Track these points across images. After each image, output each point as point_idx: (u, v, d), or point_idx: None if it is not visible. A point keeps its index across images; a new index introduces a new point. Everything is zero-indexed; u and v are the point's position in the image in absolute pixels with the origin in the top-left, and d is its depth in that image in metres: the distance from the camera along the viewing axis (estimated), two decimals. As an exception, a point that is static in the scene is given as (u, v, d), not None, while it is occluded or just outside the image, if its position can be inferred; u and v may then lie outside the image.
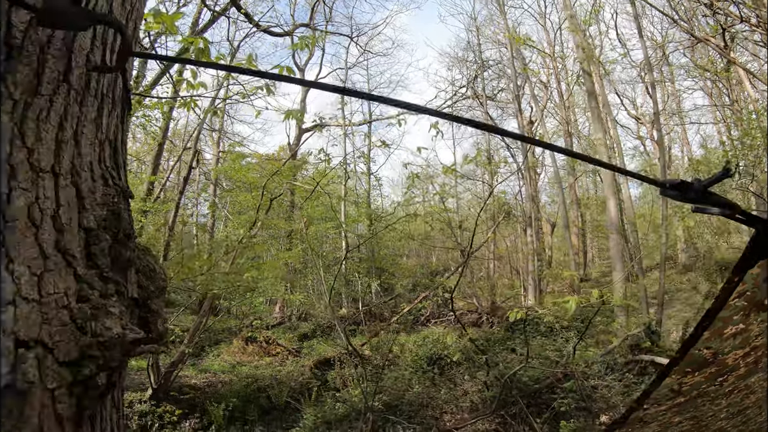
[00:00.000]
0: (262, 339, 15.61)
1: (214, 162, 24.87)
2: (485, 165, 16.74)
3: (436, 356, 13.29)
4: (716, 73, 20.46)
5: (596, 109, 17.45)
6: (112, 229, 1.22)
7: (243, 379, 12.24)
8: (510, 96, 26.57)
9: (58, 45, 1.14)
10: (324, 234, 20.23)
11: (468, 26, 29.97)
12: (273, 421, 11.36)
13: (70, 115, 1.17)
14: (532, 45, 23.47)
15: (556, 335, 14.28)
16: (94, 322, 1.07)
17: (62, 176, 1.12)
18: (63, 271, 1.07)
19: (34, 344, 0.98)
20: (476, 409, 11.17)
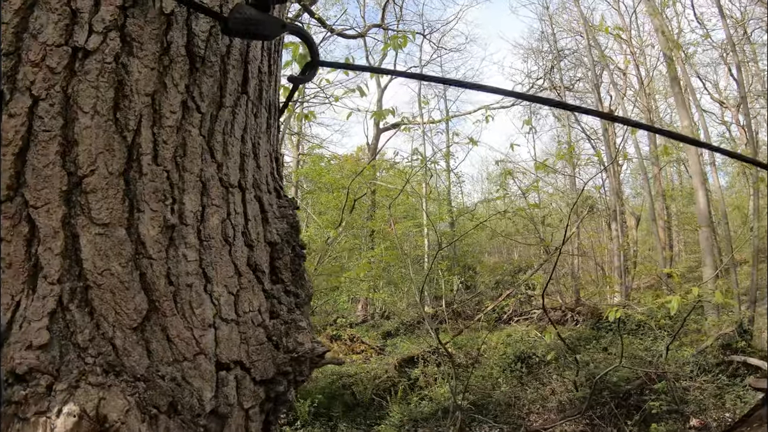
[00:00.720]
0: (347, 337, 15.76)
1: (294, 165, 25.32)
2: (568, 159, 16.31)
3: (525, 355, 13.06)
4: (803, 48, 19.20)
5: (680, 95, 16.77)
6: (292, 241, 1.19)
7: (328, 376, 12.38)
8: (588, 85, 25.86)
9: (236, 55, 1.11)
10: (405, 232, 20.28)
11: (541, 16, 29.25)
12: (357, 417, 11.45)
13: (249, 127, 1.14)
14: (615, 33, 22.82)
15: (644, 334, 13.77)
16: (286, 338, 1.05)
17: (248, 190, 1.10)
18: (255, 288, 1.05)
19: (233, 365, 0.96)
20: (563, 410, 10.92)
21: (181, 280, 0.93)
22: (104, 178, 0.89)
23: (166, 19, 0.98)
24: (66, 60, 0.90)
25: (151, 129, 0.94)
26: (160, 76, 0.97)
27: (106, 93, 0.91)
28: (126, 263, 0.88)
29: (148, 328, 0.88)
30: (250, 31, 1.01)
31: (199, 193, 0.99)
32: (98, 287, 0.86)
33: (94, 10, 0.92)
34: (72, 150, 0.88)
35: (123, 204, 0.90)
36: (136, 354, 0.85)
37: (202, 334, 0.92)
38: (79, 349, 0.82)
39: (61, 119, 0.88)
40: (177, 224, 0.94)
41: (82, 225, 0.86)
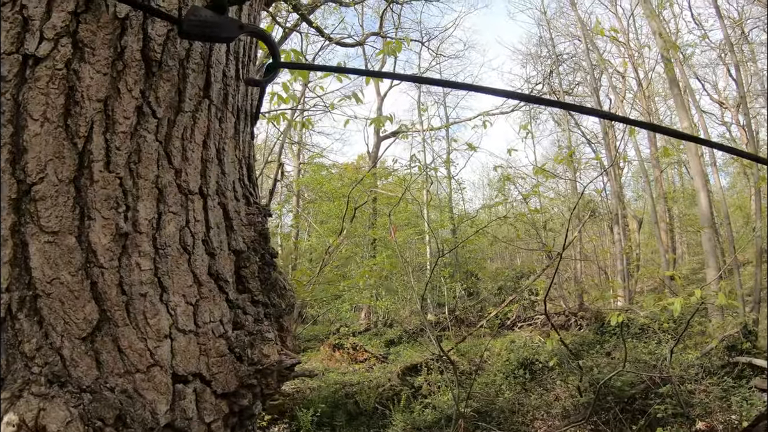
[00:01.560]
0: (349, 345, 15.74)
1: (296, 173, 25.33)
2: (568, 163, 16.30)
3: (528, 361, 13.01)
4: (801, 48, 19.15)
5: (679, 96, 16.78)
6: (261, 249, 1.17)
7: (331, 385, 12.34)
8: (588, 89, 25.90)
9: (197, 59, 1.09)
10: (407, 240, 20.24)
11: (538, 21, 29.41)
12: (360, 426, 11.41)
13: (212, 132, 1.12)
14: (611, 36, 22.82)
15: (648, 337, 13.70)
16: (250, 349, 1.02)
17: (210, 197, 1.07)
18: (216, 298, 1.02)
19: (192, 378, 0.93)
20: (568, 416, 10.86)
21: (135, 289, 0.90)
22: (54, 185, 0.86)
23: (120, 24, 0.96)
24: (17, 68, 0.88)
25: (103, 135, 0.92)
26: (113, 81, 0.94)
27: (57, 100, 0.89)
28: (76, 272, 0.86)
29: (99, 338, 0.85)
30: (206, 34, 0.99)
31: (155, 200, 0.96)
32: (47, 296, 0.83)
33: (46, 17, 0.90)
34: (22, 158, 0.86)
35: (73, 212, 0.87)
36: (84, 365, 0.83)
37: (157, 345, 0.90)
38: (26, 358, 0.80)
39: (11, 127, 0.86)
40: (130, 232, 0.92)
41: (32, 233, 0.84)
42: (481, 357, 12.53)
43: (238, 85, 1.25)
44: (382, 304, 17.77)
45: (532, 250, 18.95)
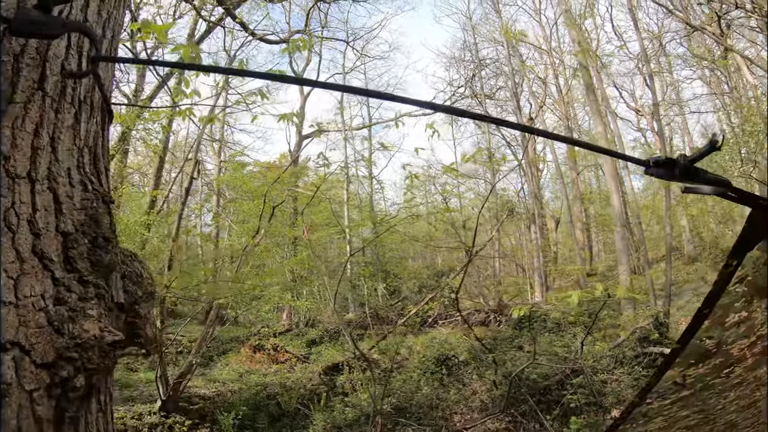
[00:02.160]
0: (270, 347, 15.61)
1: (216, 172, 24.93)
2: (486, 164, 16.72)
3: (444, 357, 13.29)
4: (714, 61, 20.36)
5: (595, 102, 17.48)
6: (91, 233, 1.23)
7: (252, 387, 12.24)
8: (508, 93, 26.62)
9: (32, 54, 1.16)
10: (328, 240, 20.23)
11: (464, 26, 30.03)
12: (283, 428, 11.37)
13: (45, 122, 1.18)
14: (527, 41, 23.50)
15: (564, 331, 14.25)
16: (71, 324, 1.08)
17: (38, 182, 1.13)
18: (40, 275, 1.08)
19: (11, 346, 0.98)
20: (486, 409, 11.15)
21: (-47, 263, 0.96)
22: None
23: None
24: None
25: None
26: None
27: None
28: None
29: None
30: (35, 32, 1.07)
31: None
32: None
33: None
34: None
35: None
36: None
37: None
38: None
39: None
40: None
41: None
42: (397, 353, 12.73)
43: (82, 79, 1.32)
44: (303, 304, 17.69)
45: (449, 247, 19.28)
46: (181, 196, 15.16)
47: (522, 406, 10.93)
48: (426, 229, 21.64)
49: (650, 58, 21.85)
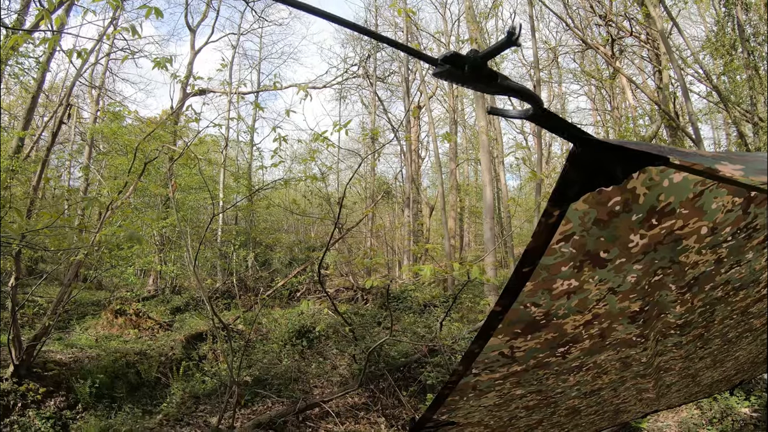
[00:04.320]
0: (132, 312, 14.92)
1: (92, 121, 23.34)
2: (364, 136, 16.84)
3: (305, 329, 13.33)
4: (602, 80, 21.64)
5: (481, 98, 18.02)
6: None
7: (111, 354, 11.64)
8: (400, 79, 26.90)
9: None
10: (201, 204, 19.55)
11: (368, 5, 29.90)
12: (142, 398, 10.94)
13: None
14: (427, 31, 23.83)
15: (427, 313, 14.71)
16: None
17: None
18: None
19: None
20: (346, 383, 11.31)
21: None
22: None
23: None
24: None
25: None
26: None
27: None
28: None
29: None
30: None
31: None
32: None
33: None
34: None
35: None
36: None
37: None
38: None
39: None
40: None
41: None
42: (259, 323, 12.61)
43: None
44: (170, 269, 17.07)
45: (319, 218, 19.31)
46: (49, 142, 14.10)
47: (381, 382, 11.19)
48: (301, 202, 21.55)
49: (542, 68, 22.91)
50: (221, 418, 9.27)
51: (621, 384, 2.93)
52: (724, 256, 1.81)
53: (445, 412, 2.42)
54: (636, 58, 20.02)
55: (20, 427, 8.67)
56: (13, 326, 9.13)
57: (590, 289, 1.60)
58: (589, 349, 2.08)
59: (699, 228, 1.56)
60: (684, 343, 2.64)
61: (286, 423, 9.74)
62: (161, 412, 9.98)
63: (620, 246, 1.45)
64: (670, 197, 1.35)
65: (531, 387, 2.37)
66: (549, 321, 1.71)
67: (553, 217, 1.21)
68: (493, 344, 1.76)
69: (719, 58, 14.97)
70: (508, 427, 3.11)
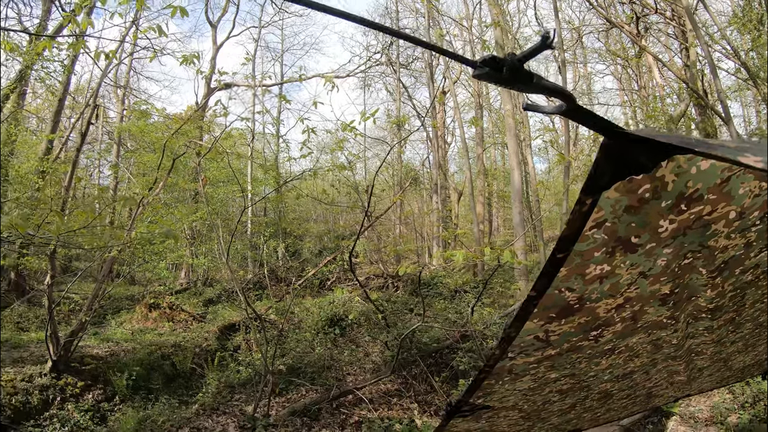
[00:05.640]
0: (166, 305, 15.16)
1: (119, 120, 23.68)
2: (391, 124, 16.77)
3: (337, 317, 13.41)
4: (627, 59, 21.22)
5: (508, 81, 17.81)
6: None
7: (146, 347, 11.83)
8: (423, 65, 26.73)
9: None
10: (230, 197, 19.71)
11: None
12: (178, 388, 11.11)
13: None
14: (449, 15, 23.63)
15: (458, 299, 14.67)
16: None
17: None
18: None
19: None
20: (378, 370, 11.36)
21: None
22: None
23: None
24: None
25: None
26: None
27: None
28: None
29: None
30: None
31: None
32: None
33: None
34: None
35: None
36: None
37: None
38: None
39: None
40: None
41: None
42: (292, 313, 12.70)
43: None
44: (201, 262, 17.29)
45: (348, 206, 19.29)
46: (78, 143, 14.31)
47: (413, 368, 11.22)
48: (331, 192, 21.61)
49: (566, 48, 22.56)
50: (256, 407, 9.37)
51: (653, 366, 2.91)
52: (753, 240, 1.80)
53: (480, 396, 2.41)
54: (662, 36, 19.55)
55: (59, 420, 8.85)
56: (50, 323, 9.30)
57: (621, 273, 1.62)
58: (621, 332, 2.09)
59: (727, 213, 1.56)
60: (715, 327, 2.63)
61: (320, 410, 9.83)
62: (197, 401, 10.12)
63: (650, 231, 1.47)
64: (698, 184, 1.37)
65: (564, 371, 2.37)
66: (582, 305, 1.72)
67: (585, 206, 1.26)
68: (529, 328, 1.77)
69: (747, 33, 14.60)
70: (541, 411, 3.10)
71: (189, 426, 9.13)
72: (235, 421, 9.51)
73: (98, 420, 9.24)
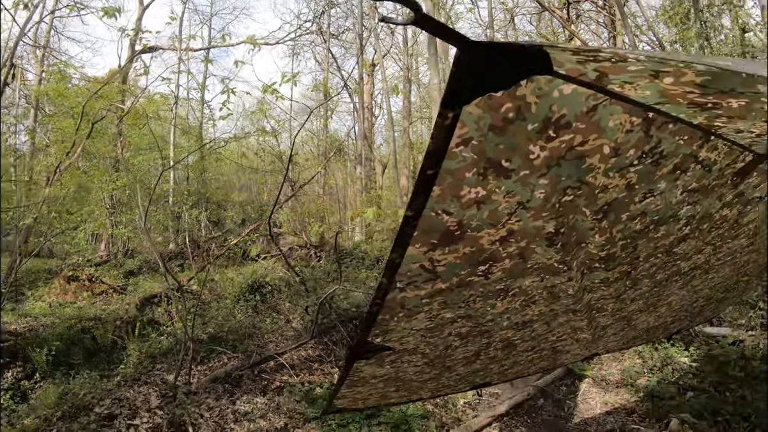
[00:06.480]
0: (85, 278, 14.77)
1: (37, 83, 22.55)
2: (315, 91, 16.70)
3: (257, 284, 13.48)
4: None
5: (434, 55, 18.01)
6: None
7: (66, 321, 11.51)
8: (354, 36, 26.60)
9: None
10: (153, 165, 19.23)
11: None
12: (100, 362, 10.89)
13: None
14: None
15: (380, 266, 14.96)
16: None
17: None
18: None
19: None
20: (300, 337, 11.53)
21: None
22: None
23: None
24: None
25: None
26: None
27: None
28: None
29: None
30: None
31: None
32: None
33: None
34: None
35: None
36: None
37: None
38: None
39: None
40: None
41: None
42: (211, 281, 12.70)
43: None
44: (121, 232, 16.90)
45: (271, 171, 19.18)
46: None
47: (334, 334, 11.46)
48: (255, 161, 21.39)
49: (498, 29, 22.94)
50: (177, 375, 9.39)
51: (553, 319, 2.91)
52: (634, 182, 1.84)
53: (378, 334, 2.34)
54: (592, 24, 20.21)
55: (-24, 401, 8.65)
56: None
57: (499, 200, 1.62)
58: (511, 270, 2.08)
59: (601, 147, 1.59)
60: (611, 280, 2.65)
61: (242, 377, 9.92)
62: (119, 374, 10.04)
63: (521, 156, 1.49)
64: (563, 109, 1.40)
65: (459, 310, 2.33)
66: (463, 232, 1.70)
67: (448, 119, 1.26)
68: (412, 254, 1.73)
69: (673, 26, 15.24)
70: (445, 358, 3.06)
71: (110, 397, 9.03)
72: (156, 390, 9.47)
73: (19, 398, 9.02)
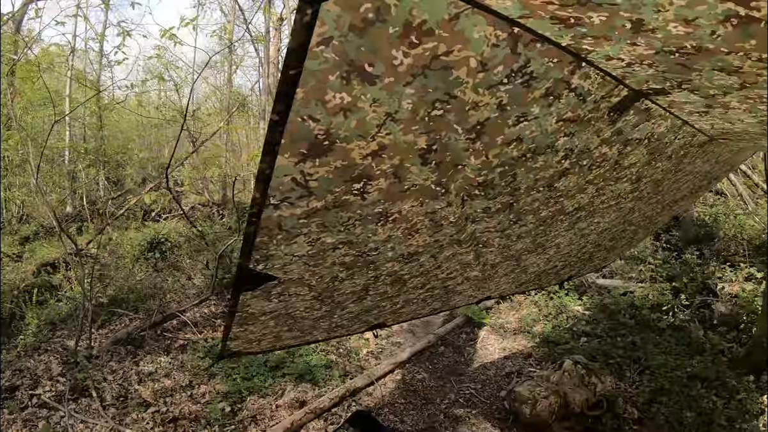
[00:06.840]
0: (-28, 247, 14.14)
1: None
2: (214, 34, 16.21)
3: (156, 241, 13.39)
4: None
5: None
6: None
7: (-47, 294, 11.14)
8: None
9: None
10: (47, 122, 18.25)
11: None
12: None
13: None
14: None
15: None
16: None
17: None
18: None
19: None
20: (202, 294, 11.62)
21: None
22: None
23: None
24: None
25: None
26: None
27: None
28: None
29: None
30: None
31: None
32: None
33: None
34: None
35: None
36: None
37: None
38: None
39: None
40: None
41: None
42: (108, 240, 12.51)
43: None
44: (14, 195, 16.17)
45: (164, 119, 18.75)
46: None
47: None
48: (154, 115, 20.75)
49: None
50: (78, 340, 9.37)
51: (439, 252, 2.87)
52: (505, 103, 1.82)
53: (259, 260, 2.17)
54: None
55: None
56: None
57: (365, 108, 1.56)
58: (387, 190, 2.01)
59: (467, 59, 1.56)
60: (494, 211, 2.64)
61: (144, 337, 9.94)
62: (18, 344, 9.89)
63: (384, 61, 1.45)
64: (424, 14, 1.37)
65: (340, 235, 2.21)
66: (332, 143, 1.64)
67: (307, 15, 1.21)
68: (282, 165, 1.63)
69: None
70: (333, 292, 2.92)
71: (11, 369, 8.95)
72: (57, 357, 9.39)
73: None
